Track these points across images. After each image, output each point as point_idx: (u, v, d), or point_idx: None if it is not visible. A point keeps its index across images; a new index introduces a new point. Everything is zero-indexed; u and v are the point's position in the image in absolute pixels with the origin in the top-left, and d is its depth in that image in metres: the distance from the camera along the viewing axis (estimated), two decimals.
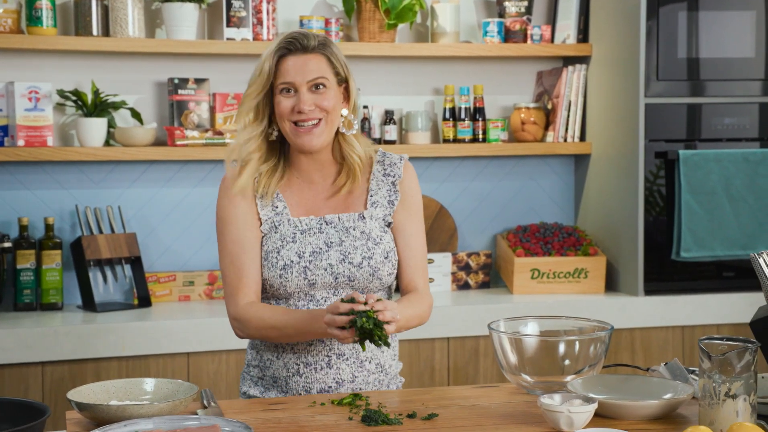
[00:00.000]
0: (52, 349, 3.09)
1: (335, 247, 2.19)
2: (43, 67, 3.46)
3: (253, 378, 2.28)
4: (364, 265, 2.19)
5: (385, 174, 2.27)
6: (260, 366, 2.26)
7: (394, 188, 2.27)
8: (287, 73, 2.14)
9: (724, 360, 1.79)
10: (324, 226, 2.21)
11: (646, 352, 3.56)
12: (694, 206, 3.51)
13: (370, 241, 2.21)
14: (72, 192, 3.50)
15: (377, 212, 2.25)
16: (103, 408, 1.85)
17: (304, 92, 2.15)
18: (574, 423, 1.84)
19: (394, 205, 2.26)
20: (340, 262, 2.18)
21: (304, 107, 2.14)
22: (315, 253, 2.18)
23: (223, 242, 2.22)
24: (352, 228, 2.21)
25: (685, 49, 3.54)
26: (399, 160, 2.29)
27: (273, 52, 2.16)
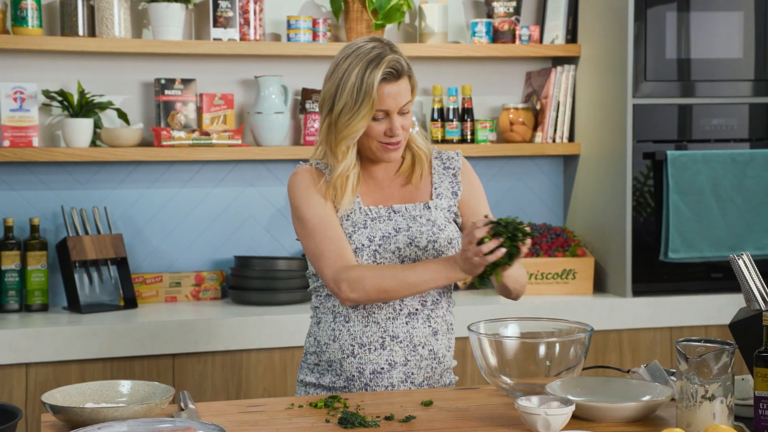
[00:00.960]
0: (36, 351, 3.08)
1: (403, 232, 2.28)
2: (29, 68, 3.45)
3: (309, 365, 2.34)
4: (429, 248, 2.27)
5: (445, 167, 2.38)
6: (317, 352, 2.32)
7: (456, 179, 2.37)
8: (384, 101, 2.21)
9: (701, 362, 1.78)
10: (392, 214, 2.30)
11: (634, 353, 3.55)
12: (682, 207, 3.50)
13: (435, 227, 2.29)
14: (58, 193, 3.49)
15: (442, 203, 2.34)
16: (77, 411, 1.84)
17: (396, 117, 2.24)
18: (551, 425, 1.83)
19: (458, 195, 2.36)
20: (407, 246, 2.26)
21: (397, 131, 2.24)
22: (384, 238, 2.26)
23: (309, 224, 2.25)
24: (418, 216, 2.31)
25: (673, 50, 3.54)
26: (455, 155, 2.41)
27: (376, 82, 2.18)
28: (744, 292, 1.96)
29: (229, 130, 3.51)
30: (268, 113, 3.53)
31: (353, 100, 2.20)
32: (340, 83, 2.21)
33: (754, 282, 1.96)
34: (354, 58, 2.21)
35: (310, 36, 3.59)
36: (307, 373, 2.35)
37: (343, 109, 2.21)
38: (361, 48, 2.22)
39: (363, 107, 2.19)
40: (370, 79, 2.18)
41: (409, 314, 2.27)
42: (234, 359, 3.23)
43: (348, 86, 2.20)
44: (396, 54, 2.22)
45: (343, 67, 2.21)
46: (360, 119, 2.20)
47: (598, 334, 3.51)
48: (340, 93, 2.21)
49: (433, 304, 2.30)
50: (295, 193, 2.30)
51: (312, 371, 2.34)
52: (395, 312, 2.27)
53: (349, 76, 2.20)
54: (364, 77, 2.19)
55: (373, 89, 2.18)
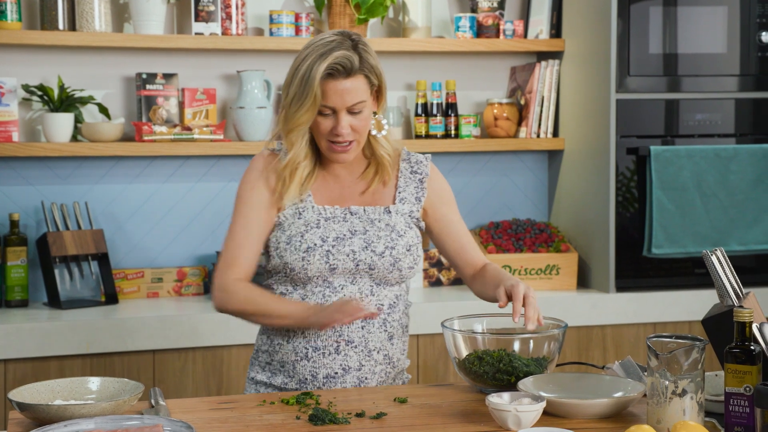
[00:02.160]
0: (16, 347, 3.06)
1: (359, 235, 2.22)
2: (8, 62, 3.43)
3: (261, 363, 2.30)
4: (386, 255, 2.22)
5: (412, 171, 2.32)
6: (269, 351, 2.28)
7: (422, 185, 2.31)
8: (329, 97, 2.16)
9: (672, 358, 1.77)
10: (348, 215, 2.25)
11: (617, 349, 3.54)
12: (666, 202, 3.49)
13: (394, 233, 2.24)
14: (38, 188, 3.47)
15: (404, 208, 2.29)
16: (43, 408, 1.83)
17: (343, 116, 2.18)
18: (522, 422, 1.82)
19: (421, 201, 2.31)
20: (363, 249, 2.21)
21: (342, 131, 2.18)
22: (338, 239, 2.21)
23: (234, 220, 2.26)
24: (377, 220, 2.26)
25: (656, 45, 3.52)
26: (424, 159, 2.34)
27: (320, 77, 2.13)
28: (717, 288, 1.95)
29: (211, 125, 3.50)
30: (251, 108, 3.51)
31: (300, 92, 2.16)
32: (294, 72, 2.18)
33: (727, 278, 1.95)
34: (312, 49, 2.16)
35: (292, 30, 3.58)
36: (258, 371, 2.30)
37: (293, 99, 2.17)
38: (322, 39, 2.18)
39: (306, 100, 2.15)
40: (313, 72, 2.13)
41: (365, 319, 2.22)
42: (215, 355, 3.22)
43: (298, 76, 2.16)
44: (352, 51, 2.15)
45: (301, 57, 2.18)
46: (304, 112, 2.16)
47: (582, 330, 3.50)
48: (292, 82, 2.18)
49: (390, 308, 2.26)
50: (241, 184, 2.29)
51: (263, 369, 2.29)
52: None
53: (302, 66, 2.16)
54: (311, 69, 2.14)
55: (315, 82, 2.13)
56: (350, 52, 2.15)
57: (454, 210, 2.36)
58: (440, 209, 2.33)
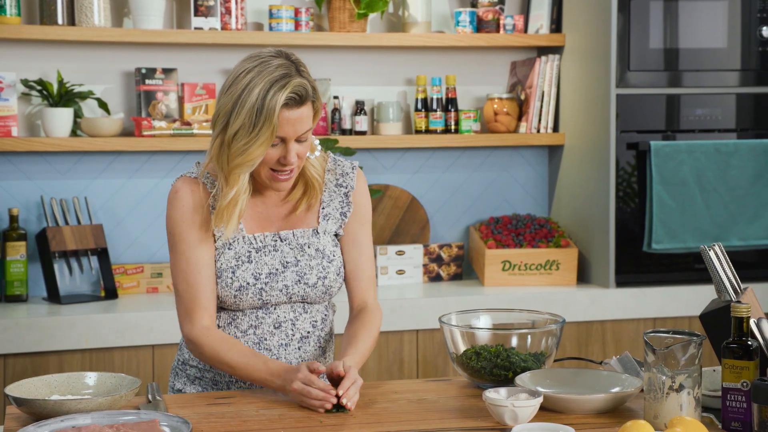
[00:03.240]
0: (15, 342, 3.06)
1: (291, 267, 2.12)
2: (7, 57, 3.43)
3: (189, 376, 2.20)
4: (318, 285, 2.15)
5: (337, 184, 2.20)
6: (199, 367, 2.18)
7: (347, 199, 2.19)
8: (282, 127, 1.99)
9: (669, 353, 1.76)
10: (279, 243, 2.14)
11: (617, 344, 3.53)
12: (666, 198, 3.49)
13: (325, 259, 2.15)
14: (37, 183, 3.47)
15: (329, 226, 2.18)
16: (40, 403, 1.83)
17: (293, 145, 2.03)
18: (519, 417, 1.81)
19: (346, 216, 2.19)
20: (295, 283, 2.13)
21: (291, 160, 2.03)
22: (271, 275, 2.11)
23: (177, 259, 2.11)
24: (306, 245, 2.15)
25: (656, 40, 3.51)
26: (351, 170, 2.21)
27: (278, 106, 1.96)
28: (715, 284, 1.95)
29: (210, 120, 3.49)
30: None
31: (251, 123, 1.97)
32: (238, 101, 1.98)
33: (725, 273, 1.94)
34: (257, 74, 1.98)
35: (292, 25, 3.57)
36: (186, 383, 2.20)
37: (239, 131, 1.98)
38: (266, 63, 1.99)
39: (262, 133, 1.97)
40: (272, 103, 1.96)
41: (301, 338, 2.16)
42: None
43: (247, 106, 1.97)
44: (302, 77, 2.00)
45: (243, 82, 1.98)
46: (258, 146, 1.98)
47: (581, 325, 3.50)
48: (238, 112, 1.98)
49: (322, 323, 2.20)
50: (171, 219, 2.12)
51: (192, 383, 2.20)
52: (288, 338, 2.15)
53: (250, 94, 1.97)
54: (266, 99, 1.96)
55: (275, 114, 1.96)
56: (302, 79, 2.00)
57: (364, 229, 2.22)
58: (351, 225, 2.20)
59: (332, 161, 2.21)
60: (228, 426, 1.85)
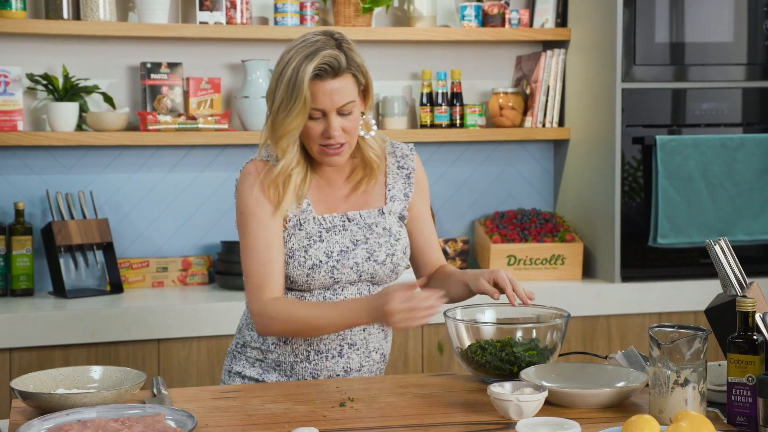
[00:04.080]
0: (21, 335, 3.07)
1: (361, 245, 2.18)
2: (13, 51, 3.43)
3: (250, 359, 2.24)
4: (387, 263, 2.20)
5: (399, 167, 2.27)
6: (261, 348, 2.22)
7: (409, 180, 2.27)
8: (318, 99, 2.08)
9: (674, 348, 1.76)
10: (347, 223, 2.20)
11: (622, 338, 3.53)
12: (671, 192, 3.48)
13: (392, 237, 2.21)
14: (43, 177, 3.47)
15: (395, 207, 2.25)
16: (45, 396, 1.83)
17: (334, 117, 2.09)
18: (523, 411, 1.81)
19: (409, 197, 2.27)
20: (365, 261, 2.18)
21: (333, 133, 2.10)
22: (342, 252, 2.16)
23: (247, 237, 2.15)
24: (374, 224, 2.21)
25: (662, 34, 3.51)
26: (410, 151, 2.29)
27: (308, 79, 2.05)
28: (720, 278, 1.94)
29: (215, 115, 3.49)
30: (255, 97, 3.50)
31: (288, 96, 2.07)
32: (280, 77, 2.09)
33: (730, 267, 1.94)
34: (296, 50, 2.08)
35: (297, 20, 3.57)
36: (246, 366, 2.24)
37: (281, 106, 2.08)
38: (306, 40, 2.09)
39: (296, 104, 2.06)
40: (301, 74, 2.05)
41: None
42: (219, 344, 3.22)
43: (284, 80, 2.08)
44: (338, 50, 2.08)
45: (285, 59, 2.09)
46: (294, 117, 2.07)
47: (587, 320, 3.50)
48: (279, 87, 2.09)
49: None
50: (243, 199, 2.17)
51: (253, 365, 2.24)
52: None
53: (287, 69, 2.07)
54: (298, 72, 2.06)
55: (304, 85, 2.05)
56: (336, 51, 2.07)
57: (427, 206, 2.33)
58: (417, 204, 2.29)
59: (390, 144, 2.28)
60: (233, 420, 1.85)
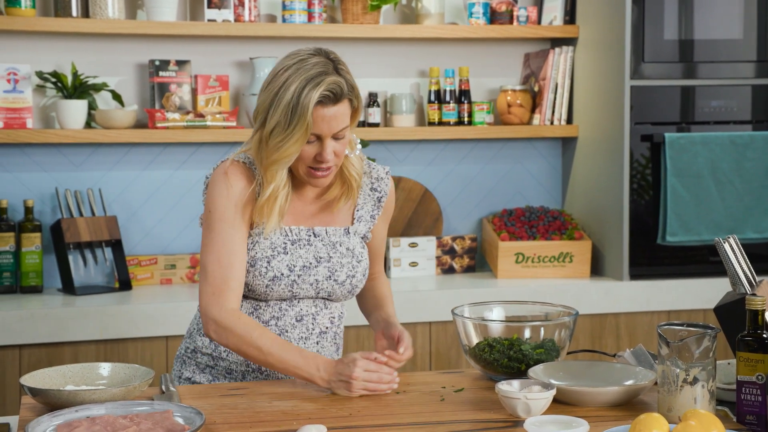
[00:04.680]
0: (30, 332, 3.08)
1: (324, 263, 2.15)
2: (22, 49, 3.44)
3: (200, 364, 2.20)
4: (346, 283, 2.18)
5: (372, 188, 2.24)
6: (213, 355, 2.19)
7: (379, 204, 2.24)
8: (317, 125, 2.02)
9: (683, 346, 1.76)
10: (312, 238, 2.16)
11: (631, 337, 3.53)
12: (680, 190, 3.47)
13: (354, 258, 2.19)
14: (52, 174, 3.48)
15: (360, 228, 2.23)
16: (54, 393, 1.83)
17: (328, 143, 2.05)
18: (531, 409, 1.81)
19: (375, 219, 2.25)
20: (326, 279, 2.16)
21: (327, 158, 2.06)
22: (305, 267, 2.13)
23: (212, 238, 2.10)
24: (338, 243, 2.18)
25: (671, 31, 3.50)
26: (385, 175, 2.25)
27: (312, 104, 1.99)
28: (730, 276, 1.94)
29: (224, 112, 3.49)
30: None
31: (286, 120, 2.00)
32: (275, 98, 2.02)
33: (740, 265, 1.93)
34: (294, 71, 2.01)
35: (305, 17, 3.57)
36: (196, 372, 2.20)
37: (275, 128, 2.01)
38: (304, 62, 2.02)
39: (297, 130, 2.00)
40: (306, 100, 1.99)
41: (320, 333, 2.19)
42: None
43: (283, 103, 2.00)
44: (339, 76, 2.02)
45: (281, 80, 2.02)
46: (293, 143, 2.01)
47: (595, 318, 3.49)
48: (274, 109, 2.01)
49: (339, 320, 2.24)
50: (214, 196, 2.10)
51: (203, 371, 2.20)
52: (308, 332, 2.18)
53: (286, 91, 2.00)
54: (300, 97, 1.99)
55: (308, 111, 1.99)
56: (338, 77, 2.02)
57: (386, 224, 2.30)
58: (379, 225, 2.27)
59: (366, 164, 2.24)
60: (241, 417, 1.85)
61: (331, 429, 1.77)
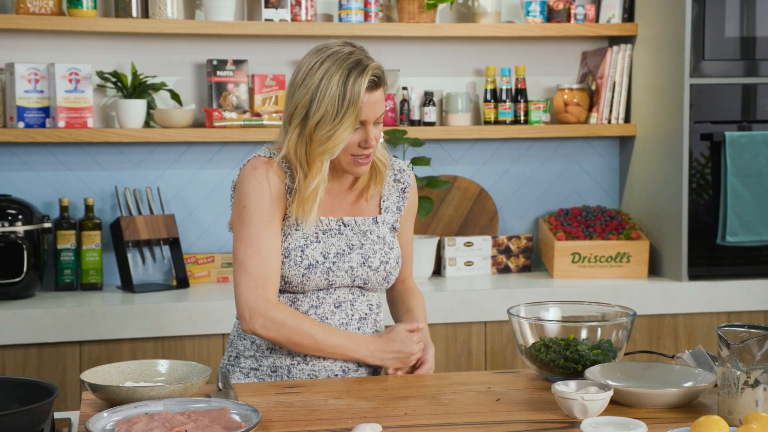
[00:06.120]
0: (90, 329, 3.13)
1: (356, 249, 2.18)
2: (84, 49, 3.49)
3: (244, 370, 2.20)
4: (380, 269, 2.20)
5: (395, 180, 2.27)
6: (256, 356, 2.20)
7: (403, 195, 2.27)
8: (364, 111, 2.07)
9: (744, 348, 1.73)
10: (343, 227, 2.19)
11: (689, 338, 3.48)
12: (741, 189, 3.42)
13: (386, 245, 2.21)
14: (112, 173, 3.53)
15: (388, 218, 2.25)
16: (114, 389, 1.86)
17: (371, 128, 2.10)
18: (588, 410, 1.79)
19: (401, 211, 2.28)
20: (360, 266, 2.18)
21: (372, 143, 2.10)
22: (339, 255, 2.16)
23: (248, 232, 2.11)
24: (368, 231, 2.21)
25: (732, 28, 3.44)
26: (407, 167, 2.29)
27: (363, 90, 2.04)
28: None
29: (280, 111, 3.52)
30: None
31: (335, 111, 2.04)
32: (317, 91, 2.04)
33: None
34: (332, 63, 2.05)
35: (361, 16, 3.58)
36: (240, 378, 2.20)
37: (321, 121, 2.05)
38: (337, 53, 2.06)
39: (346, 118, 2.04)
40: (356, 88, 2.03)
41: (360, 319, 2.20)
42: None
43: (328, 95, 2.03)
44: (374, 60, 2.09)
45: (319, 73, 2.05)
46: (343, 131, 2.05)
47: (653, 319, 3.45)
48: (318, 102, 2.04)
49: (377, 308, 2.25)
50: (248, 192, 2.12)
51: (247, 376, 2.20)
52: (348, 317, 2.19)
53: (329, 83, 2.03)
54: (347, 85, 2.03)
55: (359, 98, 2.03)
56: (376, 63, 2.08)
57: (412, 223, 2.33)
58: (405, 221, 2.30)
59: (389, 156, 2.27)
60: (297, 415, 1.86)
61: (387, 428, 1.78)
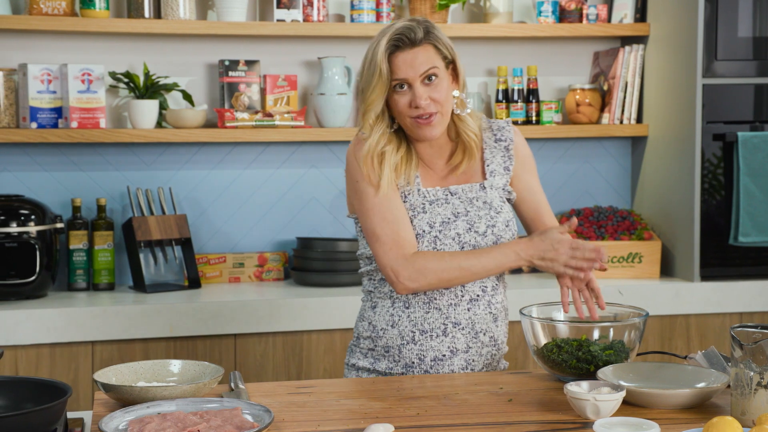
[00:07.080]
0: (103, 329, 3.14)
1: (461, 217, 2.23)
2: (96, 50, 3.50)
3: (362, 350, 2.30)
4: (488, 234, 2.23)
5: (496, 140, 2.31)
6: (372, 337, 2.27)
7: (508, 153, 2.31)
8: (399, 69, 2.15)
9: (757, 348, 1.73)
10: (449, 196, 2.25)
11: (702, 339, 3.47)
12: (754, 190, 3.41)
13: (492, 210, 2.25)
14: (124, 173, 3.54)
15: (496, 181, 2.29)
16: (126, 389, 1.87)
17: (418, 86, 2.15)
18: (601, 411, 1.79)
19: (510, 170, 2.31)
20: (467, 231, 2.22)
21: (420, 102, 2.15)
22: (444, 223, 2.21)
23: (368, 202, 2.21)
24: (475, 198, 2.26)
25: (746, 28, 3.43)
26: (506, 124, 2.33)
27: (384, 51, 2.15)
28: None
29: (292, 112, 3.52)
30: (331, 94, 3.53)
31: (369, 74, 2.17)
32: (364, 60, 2.21)
33: None
34: (378, 37, 2.20)
35: (373, 17, 3.58)
36: (360, 358, 2.31)
37: (364, 85, 2.20)
38: (388, 26, 2.21)
39: (373, 78, 2.16)
40: (377, 49, 2.16)
41: (470, 300, 2.24)
42: (295, 340, 3.25)
43: (367, 61, 2.19)
44: (416, 24, 2.16)
45: (369, 50, 2.21)
46: (372, 90, 2.16)
47: (665, 319, 3.45)
48: (363, 69, 2.21)
49: (492, 290, 2.27)
50: (354, 170, 2.24)
51: (365, 356, 2.30)
52: (457, 298, 2.23)
53: (369, 52, 2.20)
54: (372, 49, 2.18)
55: (378, 57, 2.15)
56: (412, 24, 2.17)
57: (535, 176, 2.36)
58: (523, 177, 2.33)
59: (485, 122, 2.33)
60: (309, 415, 1.87)
61: (399, 428, 1.78)
